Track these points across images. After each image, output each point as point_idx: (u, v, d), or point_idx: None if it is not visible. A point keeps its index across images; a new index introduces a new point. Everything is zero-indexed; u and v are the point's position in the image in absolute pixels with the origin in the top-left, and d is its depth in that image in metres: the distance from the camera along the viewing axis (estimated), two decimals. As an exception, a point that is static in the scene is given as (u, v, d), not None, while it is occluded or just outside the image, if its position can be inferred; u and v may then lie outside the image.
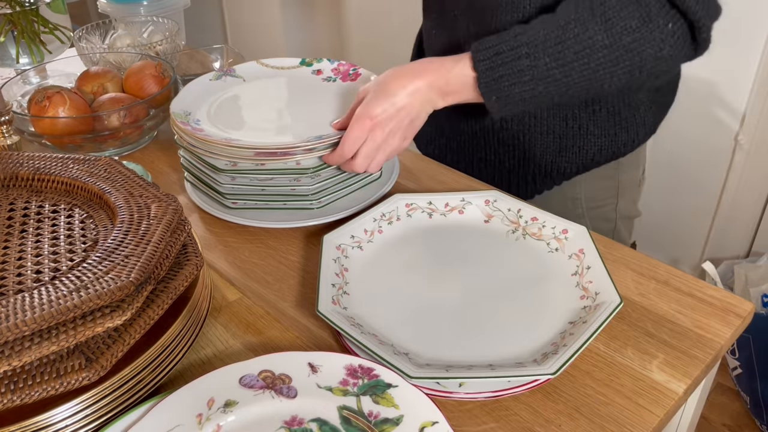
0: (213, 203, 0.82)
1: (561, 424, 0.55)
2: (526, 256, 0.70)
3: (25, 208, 0.63)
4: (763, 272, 1.53)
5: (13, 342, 0.47)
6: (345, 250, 0.69)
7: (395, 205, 0.75)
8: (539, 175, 0.91)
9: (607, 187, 0.93)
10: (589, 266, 0.65)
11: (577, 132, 0.87)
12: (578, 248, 0.68)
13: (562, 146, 0.88)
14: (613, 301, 0.60)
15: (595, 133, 0.87)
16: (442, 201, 0.76)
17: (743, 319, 0.65)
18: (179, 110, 0.83)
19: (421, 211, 0.76)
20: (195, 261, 0.59)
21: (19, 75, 1.07)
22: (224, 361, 0.61)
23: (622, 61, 0.69)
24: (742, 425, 1.55)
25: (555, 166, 0.89)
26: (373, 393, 0.53)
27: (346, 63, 0.92)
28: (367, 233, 0.72)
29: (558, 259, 0.69)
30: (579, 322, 0.59)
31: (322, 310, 0.60)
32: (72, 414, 0.50)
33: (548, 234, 0.71)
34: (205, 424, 0.51)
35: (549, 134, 0.88)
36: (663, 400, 0.57)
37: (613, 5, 0.68)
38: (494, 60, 0.71)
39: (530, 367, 0.55)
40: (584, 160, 0.88)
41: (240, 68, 0.93)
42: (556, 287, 0.65)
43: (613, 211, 0.94)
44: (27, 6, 1.14)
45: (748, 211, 1.67)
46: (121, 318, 0.50)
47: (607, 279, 0.63)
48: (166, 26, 1.23)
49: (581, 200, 0.92)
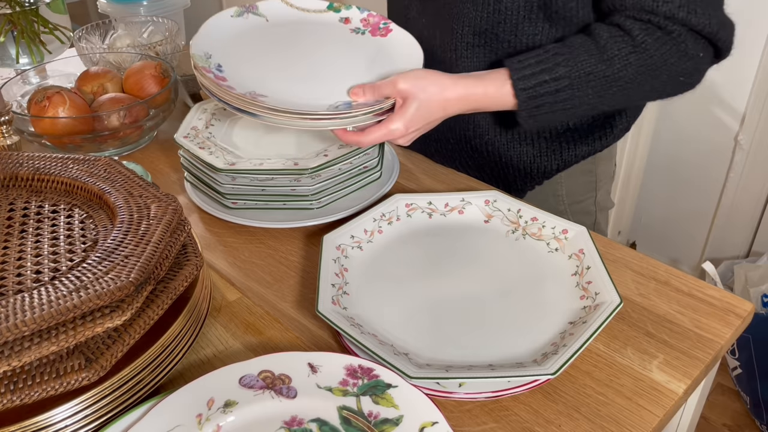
0: (213, 203, 0.82)
1: (561, 424, 0.55)
2: (526, 256, 0.70)
3: (24, 208, 0.63)
4: (763, 272, 1.53)
5: (13, 342, 0.47)
6: (345, 250, 0.69)
7: (395, 205, 0.75)
8: (519, 177, 0.92)
9: (586, 181, 0.94)
10: (589, 266, 0.65)
11: (555, 136, 0.88)
12: (578, 248, 0.68)
13: (541, 149, 0.89)
14: (612, 301, 0.60)
15: (574, 136, 0.88)
16: (442, 201, 0.76)
17: (743, 319, 0.65)
18: (200, 52, 0.77)
19: (421, 211, 0.76)
20: (195, 261, 0.59)
21: (19, 75, 1.07)
22: (224, 361, 0.61)
23: (656, 91, 0.75)
24: (742, 425, 1.55)
25: (535, 166, 0.90)
26: (373, 393, 0.52)
27: (376, 14, 0.86)
28: (367, 233, 0.72)
29: (558, 260, 0.69)
30: (579, 322, 0.59)
31: (322, 310, 0.60)
32: (72, 414, 0.50)
33: (548, 234, 0.71)
34: (205, 425, 0.51)
35: (527, 139, 0.88)
36: (663, 400, 0.57)
37: (651, 45, 0.70)
38: (536, 90, 0.72)
39: (530, 367, 0.55)
40: (564, 159, 0.89)
41: (263, 6, 0.86)
42: (556, 287, 0.65)
43: (592, 204, 0.96)
44: (27, 6, 1.14)
45: (748, 211, 1.67)
46: (121, 318, 0.50)
47: (607, 279, 0.63)
48: (166, 26, 1.23)
49: (563, 196, 0.94)
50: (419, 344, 0.59)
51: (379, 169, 0.85)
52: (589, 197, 0.96)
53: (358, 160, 0.81)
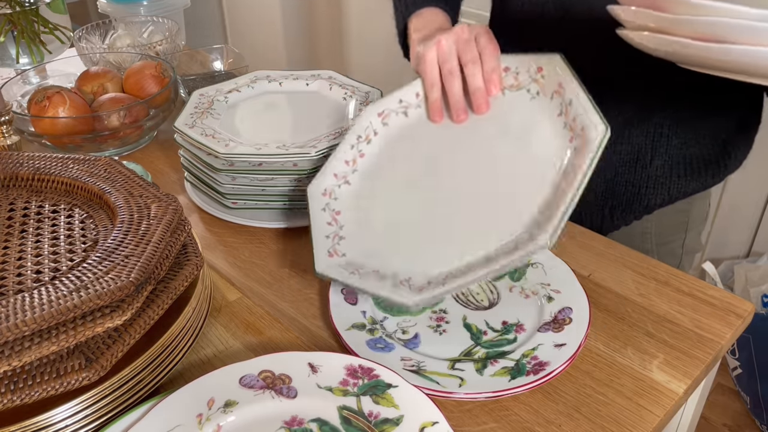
0: (213, 203, 0.82)
1: (561, 424, 0.55)
2: (511, 115, 0.65)
3: (25, 208, 0.63)
4: (763, 272, 1.53)
5: (13, 342, 0.47)
6: (332, 192, 0.66)
7: (368, 120, 0.70)
8: (619, 210, 0.85)
9: (678, 222, 0.88)
10: (571, 100, 0.60)
11: (668, 166, 0.82)
12: (557, 83, 0.62)
13: (649, 179, 0.82)
14: (598, 134, 0.55)
15: (687, 169, 0.82)
16: (411, 92, 0.71)
17: (743, 319, 0.65)
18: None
19: (395, 114, 0.71)
20: (195, 261, 0.59)
21: (19, 75, 1.07)
22: (224, 361, 0.61)
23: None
24: (742, 425, 1.55)
25: (638, 198, 0.83)
26: (373, 393, 0.52)
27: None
28: (349, 164, 0.68)
29: (543, 105, 0.63)
30: (570, 171, 0.56)
31: (321, 269, 0.57)
32: (72, 414, 0.50)
33: (525, 80, 0.65)
34: (205, 424, 0.51)
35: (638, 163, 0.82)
36: (663, 400, 0.57)
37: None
38: None
39: (526, 245, 0.52)
40: (671, 193, 0.83)
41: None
42: (547, 137, 0.61)
43: (680, 246, 0.90)
44: (27, 6, 1.14)
45: (748, 211, 1.67)
46: (121, 318, 0.50)
47: (590, 107, 0.57)
48: (166, 26, 1.23)
49: (651, 235, 0.87)
50: (420, 264, 0.56)
51: (379, 169, 0.84)
52: (677, 238, 0.89)
53: (358, 160, 0.81)
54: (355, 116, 0.83)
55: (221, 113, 0.86)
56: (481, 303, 0.66)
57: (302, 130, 0.82)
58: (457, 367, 0.58)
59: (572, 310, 0.63)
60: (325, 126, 0.82)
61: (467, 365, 0.59)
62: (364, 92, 0.88)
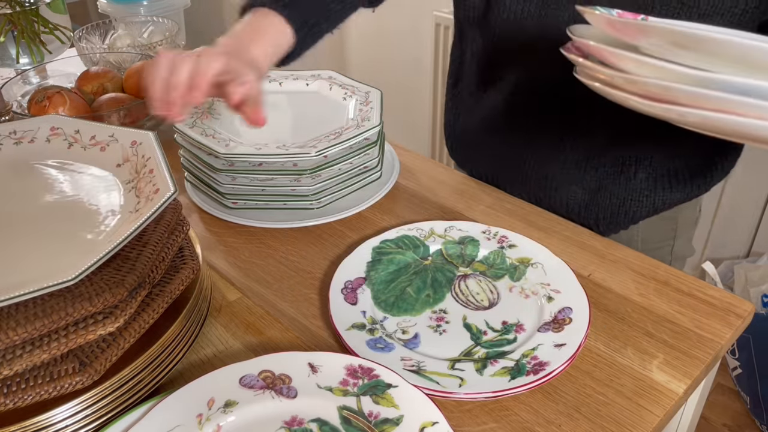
0: (213, 203, 0.82)
1: (561, 424, 0.55)
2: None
3: (25, 208, 0.63)
4: (763, 272, 1.53)
5: (4, 351, 0.46)
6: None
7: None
8: (604, 220, 0.85)
9: (666, 228, 0.88)
10: (152, 169, 0.58)
11: (652, 178, 0.82)
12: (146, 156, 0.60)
13: (633, 191, 0.82)
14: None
15: (672, 181, 0.82)
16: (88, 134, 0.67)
17: (743, 319, 0.65)
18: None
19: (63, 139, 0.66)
20: (191, 264, 0.59)
21: (19, 75, 1.06)
22: (224, 361, 0.61)
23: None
24: (742, 425, 1.55)
25: (623, 210, 0.83)
26: (373, 393, 0.52)
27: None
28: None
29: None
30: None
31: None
32: (72, 414, 0.50)
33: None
34: (205, 425, 0.51)
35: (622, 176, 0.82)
36: (663, 400, 0.57)
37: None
38: None
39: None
40: (656, 205, 0.83)
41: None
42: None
43: (668, 253, 0.89)
44: (27, 6, 1.14)
45: (748, 211, 1.67)
46: (114, 325, 0.49)
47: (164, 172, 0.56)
48: (166, 26, 1.23)
49: (638, 242, 0.87)
50: None
51: (379, 169, 0.85)
52: (665, 245, 0.88)
53: (358, 160, 0.81)
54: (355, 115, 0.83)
55: (221, 113, 0.86)
56: (481, 303, 0.67)
57: (302, 130, 0.82)
58: (457, 367, 0.59)
59: (572, 310, 0.63)
60: (325, 126, 0.82)
61: (467, 365, 0.59)
62: (364, 92, 0.88)
